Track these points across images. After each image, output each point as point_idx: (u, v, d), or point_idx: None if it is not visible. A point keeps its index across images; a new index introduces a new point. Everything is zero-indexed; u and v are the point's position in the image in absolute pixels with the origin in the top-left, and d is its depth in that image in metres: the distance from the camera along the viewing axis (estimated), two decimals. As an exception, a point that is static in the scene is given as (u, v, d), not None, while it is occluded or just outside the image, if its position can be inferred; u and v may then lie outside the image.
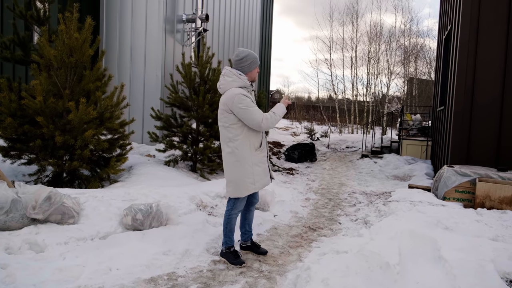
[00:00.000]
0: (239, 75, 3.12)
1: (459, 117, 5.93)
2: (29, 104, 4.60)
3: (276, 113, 3.16)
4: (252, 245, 3.53)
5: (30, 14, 5.58)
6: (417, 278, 2.85)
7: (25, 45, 5.75)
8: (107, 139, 5.30)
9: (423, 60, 22.62)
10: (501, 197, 4.73)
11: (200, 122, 6.73)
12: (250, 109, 3.02)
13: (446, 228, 3.85)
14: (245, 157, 3.10)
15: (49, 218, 3.36)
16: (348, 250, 3.21)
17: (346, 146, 13.92)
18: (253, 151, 3.14)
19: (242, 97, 3.02)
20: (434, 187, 5.70)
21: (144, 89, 8.94)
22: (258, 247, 3.53)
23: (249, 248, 3.53)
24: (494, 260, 3.01)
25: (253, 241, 3.57)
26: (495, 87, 5.74)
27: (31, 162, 4.97)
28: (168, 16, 8.93)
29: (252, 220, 3.53)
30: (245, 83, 3.12)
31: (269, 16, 18.51)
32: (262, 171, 3.21)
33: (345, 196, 6.36)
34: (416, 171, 8.17)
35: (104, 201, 3.81)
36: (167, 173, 5.90)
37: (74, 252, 3.05)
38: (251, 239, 3.56)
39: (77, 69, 4.97)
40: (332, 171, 9.11)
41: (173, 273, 2.99)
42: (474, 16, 5.79)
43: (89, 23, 4.98)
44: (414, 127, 11.35)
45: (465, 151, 5.91)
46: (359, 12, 24.18)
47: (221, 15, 11.81)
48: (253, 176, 3.15)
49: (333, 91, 22.65)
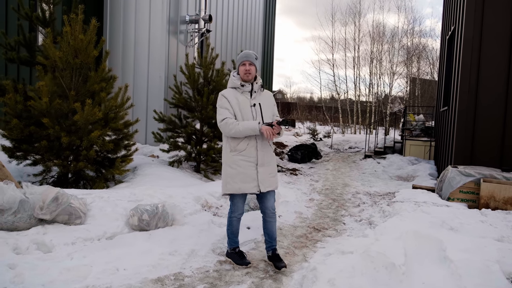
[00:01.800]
0: (233, 76, 3.21)
1: (463, 117, 5.92)
2: (34, 105, 4.63)
3: (241, 125, 2.98)
4: (272, 256, 3.26)
5: (35, 15, 5.62)
6: (423, 279, 2.86)
7: (31, 46, 5.79)
8: (111, 139, 5.33)
9: (426, 60, 22.60)
10: (505, 197, 4.73)
11: (204, 123, 6.75)
12: (219, 109, 3.11)
13: (451, 229, 3.86)
14: (224, 156, 3.20)
15: (56, 218, 3.38)
16: (353, 250, 3.22)
17: (349, 146, 13.91)
18: (228, 151, 3.12)
19: (220, 97, 3.15)
20: (438, 187, 5.70)
21: (148, 90, 8.97)
22: (277, 260, 3.20)
23: (270, 259, 3.28)
24: (499, 260, 3.02)
25: (275, 253, 3.26)
26: (499, 86, 5.73)
27: (37, 162, 5.01)
28: (171, 17, 8.96)
29: (271, 231, 3.25)
30: (234, 84, 3.15)
31: (272, 17, 18.53)
32: (236, 174, 3.06)
33: (349, 196, 6.36)
34: (420, 172, 8.17)
35: (110, 201, 3.84)
36: (171, 173, 5.93)
37: (81, 252, 3.07)
38: (273, 250, 3.27)
39: (82, 70, 5.00)
40: (335, 171, 9.11)
41: (179, 273, 3.01)
42: (478, 15, 5.79)
43: (93, 25, 5.01)
44: (417, 128, 11.33)
45: (469, 151, 5.91)
46: (361, 12, 24.16)
47: (224, 16, 11.84)
48: (226, 177, 3.13)
49: (336, 92, 22.66)
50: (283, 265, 3.14)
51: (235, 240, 3.32)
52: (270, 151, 3.18)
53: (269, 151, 3.17)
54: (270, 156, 3.19)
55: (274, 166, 3.23)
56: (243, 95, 3.14)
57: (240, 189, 3.10)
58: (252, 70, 3.12)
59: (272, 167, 3.20)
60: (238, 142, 3.08)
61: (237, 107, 3.10)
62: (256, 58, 3.17)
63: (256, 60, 3.16)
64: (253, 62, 3.13)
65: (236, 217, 3.25)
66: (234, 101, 3.11)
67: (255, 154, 3.08)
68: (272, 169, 3.20)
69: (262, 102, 3.18)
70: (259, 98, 3.19)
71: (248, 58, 3.11)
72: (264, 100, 3.21)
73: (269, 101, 3.25)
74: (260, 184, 3.09)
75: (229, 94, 3.14)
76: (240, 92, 3.14)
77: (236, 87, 3.15)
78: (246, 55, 3.12)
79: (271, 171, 3.18)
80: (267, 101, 3.23)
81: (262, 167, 3.10)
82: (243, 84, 3.13)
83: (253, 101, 3.15)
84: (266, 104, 3.20)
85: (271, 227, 3.24)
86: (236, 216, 3.25)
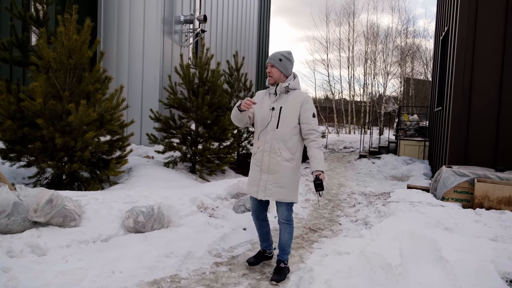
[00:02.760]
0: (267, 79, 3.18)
1: (457, 118, 5.97)
2: (28, 106, 4.58)
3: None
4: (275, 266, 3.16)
5: (29, 15, 5.56)
6: (419, 279, 2.87)
7: (24, 46, 5.73)
8: (106, 140, 5.29)
9: (420, 61, 22.76)
10: (499, 197, 4.77)
11: (199, 123, 6.73)
12: None
13: (446, 229, 3.88)
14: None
15: (51, 221, 3.35)
16: (349, 251, 3.22)
17: (344, 146, 13.96)
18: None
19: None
20: (433, 187, 5.73)
21: (143, 90, 8.93)
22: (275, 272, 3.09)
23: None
24: (494, 260, 3.04)
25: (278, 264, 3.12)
26: (492, 88, 5.79)
27: (31, 164, 4.95)
28: (166, 17, 8.92)
29: (280, 240, 3.13)
30: (268, 85, 3.08)
31: (266, 17, 18.53)
32: (249, 176, 3.13)
33: (344, 196, 6.38)
34: (414, 172, 8.22)
35: (106, 203, 3.81)
36: (166, 174, 5.90)
37: (76, 255, 3.04)
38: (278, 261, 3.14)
39: (76, 71, 4.96)
40: (330, 171, 9.13)
41: (176, 276, 3.00)
42: (472, 16, 5.84)
43: (88, 25, 4.97)
44: (412, 128, 11.41)
45: (463, 152, 5.96)
46: (355, 12, 24.26)
47: (219, 16, 11.82)
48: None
49: (330, 92, 22.73)
50: (275, 278, 3.00)
51: (261, 242, 3.35)
52: (280, 160, 2.92)
53: (278, 160, 2.93)
54: (279, 165, 2.93)
55: (283, 176, 2.93)
56: (270, 97, 3.04)
57: (248, 191, 3.15)
58: (273, 72, 2.95)
59: (279, 176, 2.93)
60: (255, 144, 3.09)
61: (259, 108, 3.05)
62: (281, 59, 2.95)
63: (281, 61, 2.95)
64: (275, 64, 2.94)
65: (254, 218, 3.25)
66: (259, 102, 3.06)
67: (261, 159, 2.99)
68: (280, 178, 2.93)
69: (285, 106, 2.94)
70: (284, 101, 2.96)
71: (270, 60, 2.97)
72: (289, 104, 2.94)
73: (294, 106, 2.93)
74: (260, 190, 2.99)
75: (259, 95, 3.13)
76: (268, 95, 3.07)
77: (266, 88, 3.11)
78: (270, 56, 3.00)
79: (277, 180, 2.93)
80: (291, 106, 2.93)
81: (265, 174, 2.96)
82: (268, 86, 3.04)
83: (274, 104, 2.98)
84: (290, 109, 2.93)
85: (281, 237, 3.13)
86: (253, 216, 3.24)
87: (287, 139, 2.93)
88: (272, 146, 2.94)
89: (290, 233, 3.11)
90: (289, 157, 2.94)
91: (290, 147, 2.94)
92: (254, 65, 14.82)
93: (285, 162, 2.93)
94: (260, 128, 3.03)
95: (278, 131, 2.93)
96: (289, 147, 2.94)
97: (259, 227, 3.27)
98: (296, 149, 2.98)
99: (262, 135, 3.01)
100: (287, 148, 2.93)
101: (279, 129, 2.92)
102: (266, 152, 2.97)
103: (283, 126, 2.92)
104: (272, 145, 2.94)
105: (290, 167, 2.95)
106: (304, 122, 2.93)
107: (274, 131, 2.94)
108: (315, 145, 2.91)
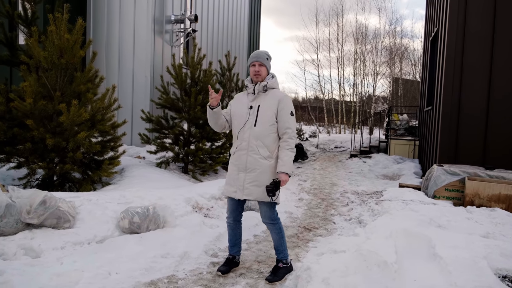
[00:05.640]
0: (246, 79, 3.13)
1: (447, 118, 6.07)
2: (18, 106, 4.50)
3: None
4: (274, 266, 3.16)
5: (17, 14, 5.47)
6: (414, 276, 2.91)
7: (13, 45, 5.63)
8: (98, 141, 5.23)
9: (408, 61, 23.05)
10: (489, 195, 4.86)
11: (191, 124, 6.70)
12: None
13: (439, 226, 3.94)
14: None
15: (44, 222, 3.30)
16: (345, 249, 3.25)
17: (335, 146, 14.06)
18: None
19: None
20: (424, 185, 5.82)
21: (133, 90, 8.85)
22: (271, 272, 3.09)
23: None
24: (486, 256, 3.10)
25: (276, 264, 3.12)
26: (482, 88, 5.90)
27: (21, 165, 4.87)
28: (156, 17, 8.86)
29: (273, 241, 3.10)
30: (246, 85, 3.06)
31: (257, 17, 18.56)
32: (227, 176, 3.07)
33: (337, 196, 6.43)
34: (405, 170, 8.32)
35: (100, 204, 3.77)
36: (159, 175, 5.86)
37: (71, 257, 3.00)
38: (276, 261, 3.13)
39: (67, 71, 4.89)
40: (322, 171, 9.19)
41: (173, 276, 2.98)
42: (461, 16, 5.94)
43: (80, 24, 4.91)
44: (402, 127, 11.55)
45: (453, 151, 6.06)
46: (343, 13, 24.44)
47: (210, 16, 11.78)
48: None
49: (321, 92, 22.87)
50: (269, 278, 2.99)
51: (230, 247, 3.20)
52: (258, 158, 2.91)
53: (256, 158, 2.91)
54: (257, 163, 2.90)
55: (261, 175, 2.90)
56: (248, 97, 3.02)
57: (225, 191, 3.07)
58: (262, 71, 2.94)
59: (256, 175, 2.90)
60: (235, 145, 3.02)
61: (236, 108, 3.03)
62: (267, 58, 2.99)
63: (267, 60, 2.98)
64: (263, 63, 2.95)
65: (227, 221, 3.15)
66: (237, 103, 3.06)
67: (239, 159, 2.96)
68: (257, 177, 2.90)
69: (263, 104, 2.94)
70: (262, 100, 2.96)
71: (258, 59, 2.95)
72: (266, 103, 2.94)
73: (271, 104, 2.94)
74: (238, 190, 2.95)
75: (237, 97, 3.11)
76: (246, 95, 3.05)
77: (245, 88, 3.07)
78: (255, 55, 2.97)
79: (255, 179, 2.90)
80: (269, 104, 2.94)
81: (243, 173, 2.93)
82: (247, 85, 3.02)
83: (252, 103, 2.97)
84: (267, 107, 2.93)
85: (272, 238, 3.11)
86: (227, 221, 3.15)
87: (264, 136, 2.91)
88: (250, 144, 2.92)
89: (278, 232, 3.06)
90: (266, 155, 2.92)
91: (268, 144, 2.92)
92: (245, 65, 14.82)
93: (263, 160, 2.91)
94: (238, 127, 2.99)
95: (256, 128, 2.91)
96: (266, 144, 2.92)
97: (233, 229, 3.15)
98: (274, 147, 2.95)
99: (240, 134, 2.97)
100: (264, 146, 2.92)
101: (256, 126, 2.91)
102: (243, 150, 2.94)
103: (260, 124, 2.91)
104: (250, 143, 2.92)
105: (268, 165, 2.92)
106: (281, 120, 2.94)
107: (251, 129, 2.92)
108: (286, 146, 2.91)
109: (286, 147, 2.91)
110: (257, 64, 2.94)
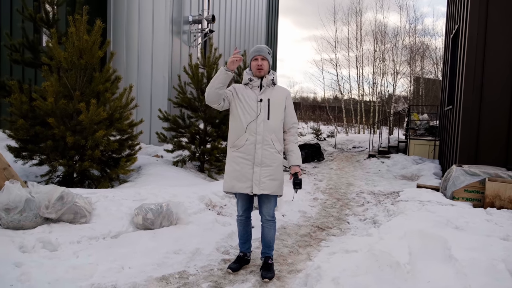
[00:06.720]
0: (245, 72, 3.05)
1: (467, 115, 5.89)
2: (40, 105, 4.66)
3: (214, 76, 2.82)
4: (263, 264, 3.11)
5: (39, 17, 5.66)
6: (428, 277, 2.85)
7: (35, 47, 5.83)
8: (116, 139, 5.36)
9: (429, 59, 22.50)
10: (511, 196, 4.70)
11: (207, 123, 6.77)
12: None
13: (456, 228, 3.84)
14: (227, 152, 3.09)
15: (62, 217, 3.41)
16: (357, 249, 3.21)
17: (353, 146, 13.88)
18: (230, 146, 3.00)
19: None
20: (443, 186, 5.67)
21: (152, 90, 9.00)
22: (265, 269, 3.06)
23: (261, 267, 3.12)
24: (505, 259, 3.00)
25: (267, 261, 3.09)
26: (504, 84, 5.70)
27: (42, 162, 5.04)
28: (174, 18, 8.98)
29: (266, 238, 3.07)
30: (244, 80, 3.01)
31: (275, 16, 18.53)
32: (232, 171, 2.93)
33: (353, 196, 6.35)
34: (424, 171, 8.14)
35: (115, 200, 3.86)
36: (175, 173, 5.95)
37: (86, 251, 3.09)
38: (266, 257, 3.11)
39: (87, 71, 5.03)
40: (339, 171, 9.10)
41: (184, 272, 3.02)
42: (483, 12, 5.76)
43: (98, 25, 5.04)
44: (422, 127, 11.29)
45: (473, 150, 5.88)
46: (362, 11, 24.13)
47: (227, 16, 11.85)
48: (226, 174, 3.01)
49: (339, 91, 22.62)
50: (268, 275, 2.97)
51: (240, 245, 3.21)
52: (274, 152, 2.91)
53: (271, 152, 2.91)
54: (272, 157, 2.91)
55: (276, 169, 2.93)
56: (252, 90, 2.96)
57: (233, 188, 2.94)
58: (264, 65, 2.92)
59: (272, 169, 2.91)
60: (236, 137, 2.93)
61: (243, 100, 2.93)
62: (269, 52, 2.96)
63: (269, 54, 2.96)
64: (266, 57, 2.93)
65: (239, 219, 3.13)
66: (242, 93, 2.96)
67: (253, 152, 2.88)
68: (273, 171, 2.91)
69: (272, 99, 2.94)
70: (269, 94, 2.95)
71: (261, 53, 2.92)
72: (275, 97, 2.95)
73: (280, 98, 2.97)
74: (254, 185, 2.87)
75: (238, 88, 2.99)
76: (249, 88, 2.97)
77: (245, 83, 2.99)
78: (258, 49, 2.94)
79: (271, 173, 2.90)
80: (278, 98, 2.96)
81: (259, 167, 2.88)
82: (252, 78, 2.95)
83: (261, 96, 2.92)
84: (277, 102, 2.95)
85: (266, 234, 3.06)
86: (239, 218, 3.14)
87: (277, 130, 2.96)
88: (265, 137, 2.89)
89: (275, 229, 3.13)
90: (280, 149, 2.99)
91: (280, 138, 2.99)
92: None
93: (278, 154, 2.96)
94: (248, 120, 2.90)
95: (270, 122, 2.91)
96: (279, 138, 2.98)
97: (244, 226, 3.14)
98: (283, 141, 3.05)
99: (251, 127, 2.90)
100: (278, 140, 2.96)
101: (270, 120, 2.91)
102: (258, 144, 2.89)
103: (273, 118, 2.93)
104: (265, 137, 2.89)
105: (281, 159, 3.00)
106: (288, 115, 3.02)
107: (265, 122, 2.90)
108: (294, 140, 3.04)
109: (294, 141, 3.04)
110: (259, 58, 2.93)
